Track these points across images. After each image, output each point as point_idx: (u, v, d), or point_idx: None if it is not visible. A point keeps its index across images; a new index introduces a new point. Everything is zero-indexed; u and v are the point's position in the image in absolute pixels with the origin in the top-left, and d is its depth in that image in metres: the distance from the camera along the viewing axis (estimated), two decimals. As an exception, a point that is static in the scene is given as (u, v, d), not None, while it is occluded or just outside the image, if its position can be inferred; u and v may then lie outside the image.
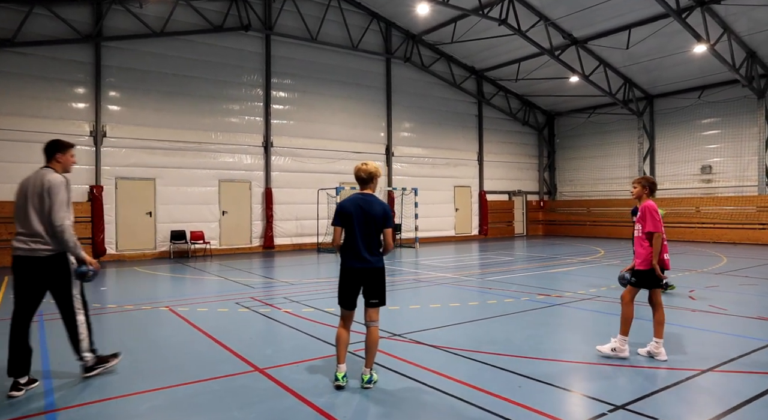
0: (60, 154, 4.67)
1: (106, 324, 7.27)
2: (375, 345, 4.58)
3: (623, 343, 5.17)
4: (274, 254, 17.55)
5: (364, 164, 4.75)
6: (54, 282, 4.55)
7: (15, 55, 14.37)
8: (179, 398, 4.32)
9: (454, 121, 23.55)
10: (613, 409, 3.96)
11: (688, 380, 4.63)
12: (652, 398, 4.19)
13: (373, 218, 4.57)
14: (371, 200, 4.65)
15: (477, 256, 16.93)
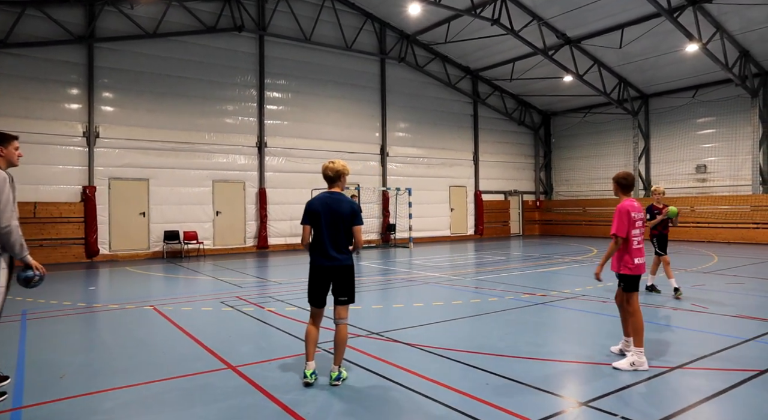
0: (2, 148, 4.23)
1: (87, 322, 7.30)
2: (343, 342, 4.60)
3: (640, 355, 4.80)
4: (267, 254, 17.58)
5: (331, 163, 4.78)
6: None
7: (8, 57, 14.44)
8: (146, 395, 4.34)
9: (449, 121, 23.56)
10: (575, 406, 3.97)
11: (656, 377, 4.63)
12: (616, 395, 4.20)
13: (340, 216, 4.59)
14: (339, 198, 4.67)
15: (470, 255, 16.94)
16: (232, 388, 4.48)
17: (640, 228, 5.14)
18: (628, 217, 5.05)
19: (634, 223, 5.07)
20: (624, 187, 5.29)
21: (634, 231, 5.08)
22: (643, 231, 5.22)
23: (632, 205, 5.12)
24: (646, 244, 5.72)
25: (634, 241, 5.06)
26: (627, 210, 5.06)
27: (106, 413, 3.98)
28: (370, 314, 7.59)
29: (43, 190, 14.83)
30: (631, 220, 5.05)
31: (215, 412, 3.93)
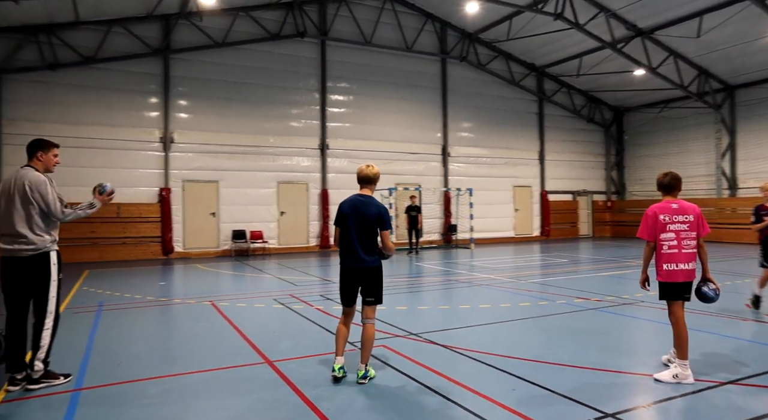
0: (42, 153, 4.71)
1: (151, 315, 7.88)
2: (370, 341, 4.70)
3: (684, 368, 4.54)
4: (329, 254, 18.02)
5: (368, 167, 4.90)
6: (33, 281, 4.58)
7: (95, 71, 15.81)
8: (187, 384, 4.67)
9: (513, 119, 23.03)
10: (600, 417, 3.83)
11: (699, 392, 4.35)
12: (648, 408, 4.02)
13: (367, 219, 4.69)
14: (368, 201, 4.77)
15: (531, 257, 16.49)
16: (264, 381, 4.71)
17: (676, 232, 4.77)
18: (654, 219, 4.78)
19: (664, 227, 4.77)
20: (661, 188, 4.99)
21: (665, 235, 4.76)
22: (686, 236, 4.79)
23: (663, 207, 4.82)
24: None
25: (663, 246, 4.76)
26: (653, 212, 4.81)
27: (150, 398, 4.32)
28: (412, 315, 7.64)
29: (126, 192, 16.08)
30: (658, 223, 4.77)
31: (244, 403, 4.17)
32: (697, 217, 4.83)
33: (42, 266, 4.60)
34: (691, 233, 4.80)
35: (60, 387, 4.59)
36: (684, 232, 4.82)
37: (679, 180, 4.98)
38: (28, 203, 4.52)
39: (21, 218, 4.51)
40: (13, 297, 4.63)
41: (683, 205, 4.87)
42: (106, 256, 15.74)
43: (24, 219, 4.52)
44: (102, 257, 15.67)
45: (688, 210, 4.84)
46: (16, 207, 4.51)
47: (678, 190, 5.00)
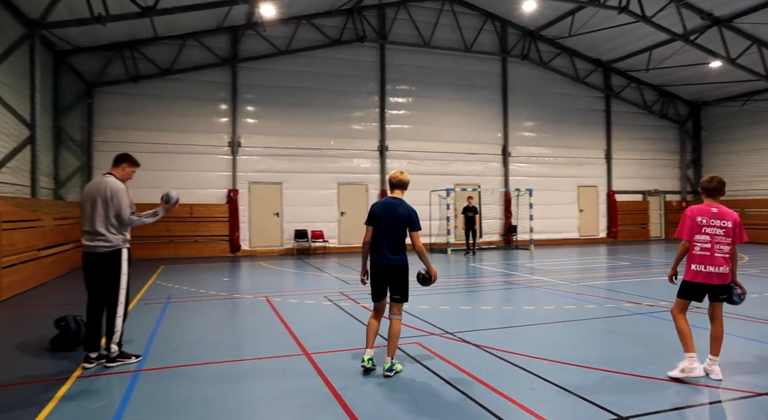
0: (127, 165, 5.51)
1: (211, 308, 8.55)
2: (396, 337, 4.95)
3: (692, 361, 4.66)
4: (387, 253, 18.35)
5: (400, 173, 5.22)
6: (107, 274, 5.24)
7: (171, 81, 17.10)
8: (231, 371, 5.13)
9: (577, 117, 22.35)
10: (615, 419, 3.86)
11: (729, 401, 4.24)
12: (666, 414, 3.97)
13: (397, 220, 4.96)
14: (398, 204, 5.05)
15: (592, 259, 16.00)
16: (299, 371, 5.08)
17: (711, 236, 4.75)
18: (692, 220, 4.82)
19: (700, 228, 4.75)
20: (705, 191, 4.94)
21: (700, 236, 4.76)
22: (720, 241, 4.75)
23: (702, 209, 4.81)
24: None
25: (696, 247, 4.80)
26: (692, 213, 4.84)
27: (197, 381, 4.81)
28: (453, 315, 7.79)
29: (198, 194, 17.27)
30: (695, 224, 4.79)
31: (276, 390, 4.55)
32: (735, 225, 4.82)
33: (115, 261, 5.28)
34: (727, 239, 4.75)
35: (128, 366, 5.20)
36: (719, 236, 4.76)
37: (724, 185, 4.97)
38: (107, 207, 5.21)
39: (101, 219, 5.21)
40: (92, 287, 5.33)
41: (723, 211, 4.83)
42: (180, 253, 16.98)
43: (103, 220, 5.21)
44: (176, 254, 16.92)
45: (727, 216, 4.80)
46: (98, 210, 5.20)
47: (721, 195, 4.97)
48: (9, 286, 9.43)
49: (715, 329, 4.84)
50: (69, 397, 4.41)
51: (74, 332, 6.00)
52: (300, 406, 4.19)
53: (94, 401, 4.32)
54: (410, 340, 6.22)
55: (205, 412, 4.06)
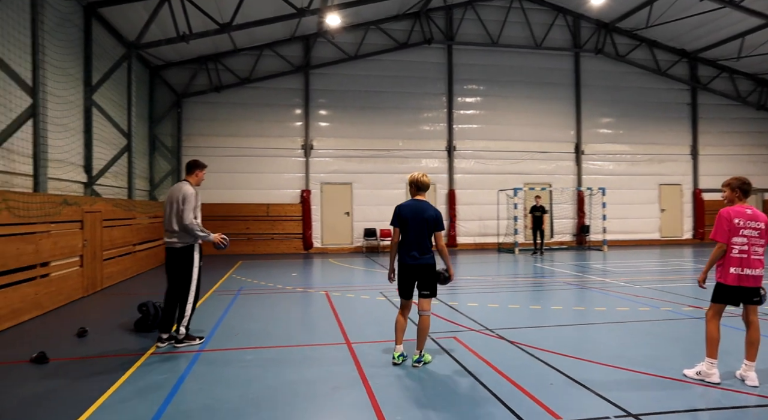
0: (198, 171, 6.26)
1: (274, 300, 9.29)
2: (425, 331, 5.28)
3: (711, 367, 4.69)
4: (456, 253, 18.55)
5: (424, 176, 5.52)
6: (182, 267, 6.03)
7: (249, 90, 18.39)
8: (277, 355, 5.72)
9: (658, 112, 21.18)
10: (622, 416, 3.96)
11: (744, 408, 4.17)
12: (679, 415, 4.00)
13: (425, 221, 5.29)
14: (424, 206, 5.38)
15: (668, 261, 15.21)
16: (336, 358, 5.57)
17: (748, 237, 4.65)
18: (729, 222, 4.72)
19: (738, 230, 4.65)
20: (744, 193, 4.84)
21: (737, 239, 4.66)
22: (755, 243, 4.67)
23: (738, 211, 4.72)
24: None
25: (734, 249, 4.70)
26: (728, 214, 4.76)
27: (246, 363, 5.43)
28: (498, 312, 7.95)
29: (274, 194, 18.43)
30: (733, 227, 4.69)
31: (312, 372, 5.07)
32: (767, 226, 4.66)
33: (188, 256, 6.09)
34: (761, 241, 4.69)
35: (193, 347, 5.96)
36: (754, 238, 4.69)
37: (751, 186, 4.84)
38: (178, 208, 5.99)
39: (175, 219, 6.01)
40: (170, 277, 6.17)
41: (756, 213, 4.77)
42: (258, 250, 18.22)
43: (177, 220, 6.00)
44: (254, 250, 18.17)
45: (760, 218, 4.74)
46: (174, 211, 6.01)
47: (749, 196, 4.83)
48: (109, 276, 10.79)
49: (752, 334, 4.73)
50: (140, 370, 5.19)
51: (153, 316, 6.91)
52: (330, 388, 4.65)
53: (160, 374, 5.05)
54: (449, 334, 6.52)
55: (246, 389, 4.64)
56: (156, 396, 4.42)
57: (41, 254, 7.88)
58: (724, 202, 5.04)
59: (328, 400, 4.39)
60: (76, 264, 9.24)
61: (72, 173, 11.12)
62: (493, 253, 17.95)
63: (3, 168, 8.37)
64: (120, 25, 12.97)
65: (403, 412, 4.10)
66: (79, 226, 9.35)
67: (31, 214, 7.60)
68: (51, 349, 5.86)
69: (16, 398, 4.44)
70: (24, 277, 7.44)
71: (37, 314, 7.80)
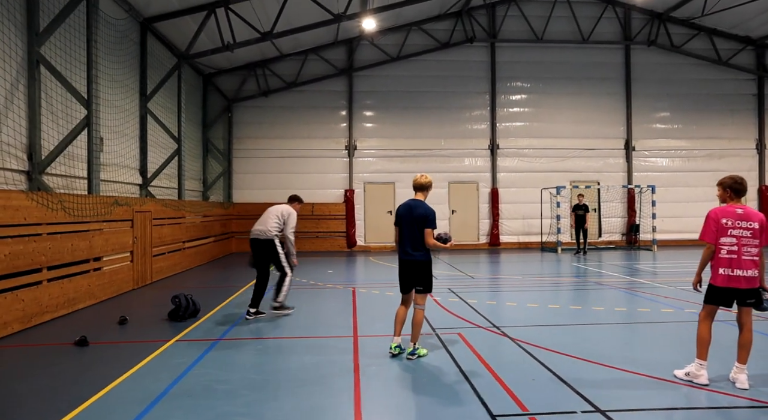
0: (296, 203, 7.97)
1: (301, 294, 9.79)
2: (418, 325, 5.53)
3: (699, 368, 4.67)
4: (499, 251, 18.48)
5: (422, 177, 5.78)
6: (267, 254, 7.59)
7: (295, 93, 19.13)
8: (289, 343, 6.16)
9: (718, 104, 20.05)
10: (589, 411, 4.06)
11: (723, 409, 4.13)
12: (649, 412, 4.05)
13: (416, 220, 5.54)
14: (417, 205, 5.63)
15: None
16: (338, 348, 5.92)
17: (738, 238, 4.55)
18: (716, 222, 4.64)
19: (726, 230, 4.56)
20: (732, 191, 4.73)
21: (725, 239, 4.57)
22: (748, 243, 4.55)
23: (727, 211, 4.62)
24: None
25: (722, 250, 4.62)
26: (715, 214, 4.68)
27: (256, 350, 5.90)
28: (514, 311, 8.03)
29: (318, 194, 19.08)
30: (721, 227, 4.60)
31: (311, 361, 5.45)
32: (763, 226, 4.61)
33: (272, 245, 7.58)
34: (754, 241, 4.57)
35: (213, 334, 6.50)
36: (746, 238, 4.60)
37: (746, 185, 4.73)
38: (279, 220, 7.60)
39: (273, 223, 7.58)
40: (257, 263, 7.73)
41: (749, 212, 4.65)
42: (303, 248, 18.90)
43: (275, 224, 7.57)
44: (300, 248, 18.65)
45: (753, 217, 4.62)
46: (275, 219, 7.62)
47: (744, 195, 4.72)
48: (158, 271, 11.72)
49: (744, 336, 4.65)
50: (163, 354, 5.77)
51: (184, 307, 7.55)
52: (321, 375, 5.01)
53: (179, 358, 5.60)
54: (454, 330, 6.72)
55: (246, 373, 5.09)
56: (167, 376, 4.95)
57: (94, 250, 8.76)
58: (720, 202, 4.96)
59: (316, 385, 4.75)
60: (126, 259, 10.15)
61: (128, 176, 12.17)
62: (536, 253, 17.73)
63: (64, 172, 9.38)
64: (173, 37, 13.98)
65: (378, 400, 4.39)
66: (129, 224, 10.25)
67: (85, 213, 8.48)
68: (95, 334, 6.59)
69: (49, 375, 5.10)
70: (78, 270, 8.32)
71: (91, 303, 8.69)
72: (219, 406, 4.20)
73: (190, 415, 4.03)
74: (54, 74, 8.57)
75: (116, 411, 4.14)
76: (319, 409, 4.17)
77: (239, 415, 4.04)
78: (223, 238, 17.61)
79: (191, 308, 7.64)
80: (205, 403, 4.29)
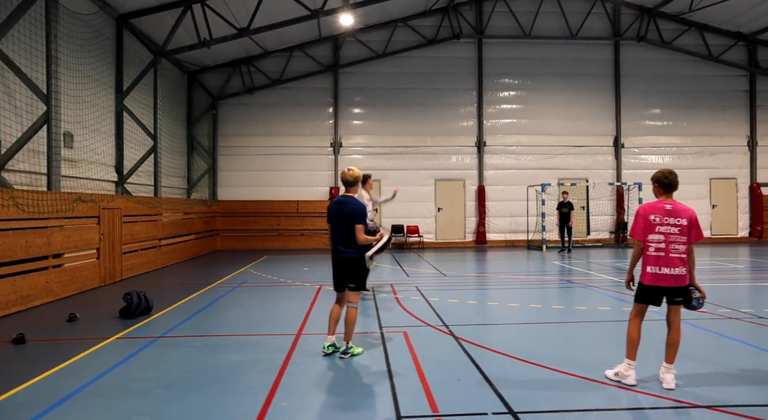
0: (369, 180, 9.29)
1: (266, 293, 9.69)
2: (351, 323, 5.42)
3: (628, 368, 4.53)
4: (485, 250, 18.32)
5: (349, 170, 5.62)
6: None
7: (281, 90, 19.04)
8: (222, 343, 6.07)
9: (708, 101, 19.77)
10: (503, 413, 3.93)
11: (642, 410, 4.00)
12: (560, 414, 3.91)
13: (345, 216, 5.41)
14: (347, 201, 5.49)
15: (708, 260, 14.22)
16: (275, 346, 5.81)
17: (666, 234, 4.38)
18: (645, 219, 4.49)
19: (653, 227, 4.40)
20: (660, 186, 4.58)
21: (653, 236, 4.41)
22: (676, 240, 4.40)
23: (655, 207, 4.45)
24: None
25: (650, 247, 4.47)
26: (644, 211, 4.54)
27: (192, 348, 5.81)
28: (472, 309, 7.90)
29: (304, 191, 18.98)
30: (649, 224, 4.43)
31: (243, 358, 5.36)
32: (691, 222, 4.42)
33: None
34: (682, 238, 4.41)
35: (156, 331, 6.42)
36: (674, 235, 4.43)
37: (677, 179, 4.55)
38: None
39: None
40: None
41: (678, 208, 4.47)
42: (288, 245, 18.85)
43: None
44: (284, 246, 18.83)
45: (681, 213, 4.45)
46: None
47: (676, 189, 4.56)
48: (130, 268, 11.67)
49: (672, 335, 4.50)
50: (96, 352, 5.68)
51: (136, 304, 7.47)
52: (243, 373, 4.90)
53: (109, 355, 5.51)
54: (402, 328, 6.60)
55: (172, 370, 4.99)
56: (88, 375, 4.86)
57: (53, 246, 8.71)
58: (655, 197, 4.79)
59: (234, 382, 4.65)
60: (92, 256, 10.10)
61: (103, 173, 12.13)
62: (522, 251, 17.56)
63: (28, 169, 9.33)
64: (151, 33, 13.91)
65: (290, 398, 4.28)
66: (95, 221, 10.19)
67: (43, 210, 8.42)
68: (39, 332, 6.54)
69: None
70: (34, 267, 8.26)
71: (49, 300, 8.63)
72: (123, 406, 4.11)
73: (88, 415, 3.94)
74: (12, 69, 8.51)
75: (17, 411, 4.05)
76: (223, 408, 4.06)
77: (140, 415, 3.95)
78: (206, 235, 17.56)
79: (143, 305, 7.56)
80: (110, 402, 4.19)
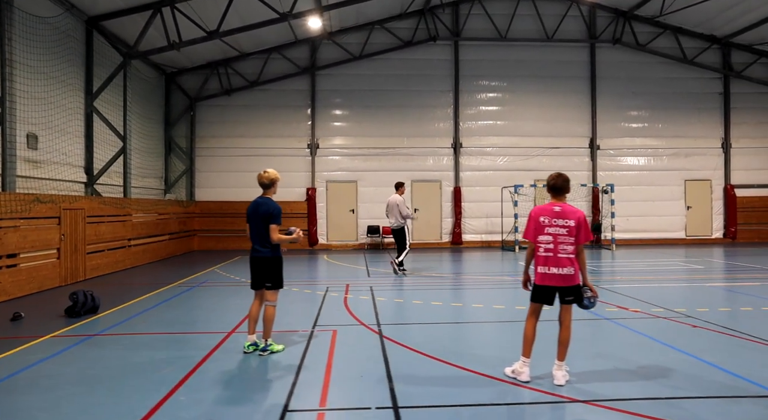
0: (402, 189, 11.89)
1: (221, 293, 9.83)
2: (269, 321, 5.56)
3: (522, 365, 4.67)
4: (460, 250, 18.44)
5: (264, 172, 5.80)
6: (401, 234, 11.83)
7: (258, 92, 19.18)
8: (148, 341, 6.20)
9: (684, 103, 19.91)
10: (386, 407, 4.07)
11: (527, 405, 4.14)
12: (443, 409, 4.05)
13: (260, 217, 5.59)
14: (261, 203, 5.68)
15: (670, 261, 14.36)
16: (201, 344, 5.95)
17: (554, 235, 4.54)
18: (535, 221, 4.67)
19: (543, 229, 4.55)
20: (551, 189, 4.75)
21: (542, 237, 4.56)
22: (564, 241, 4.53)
23: (545, 209, 4.62)
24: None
25: (540, 248, 4.63)
26: (535, 213, 4.70)
27: (118, 345, 5.94)
28: (413, 308, 8.03)
29: (281, 192, 18.76)
30: (539, 225, 4.58)
31: (164, 355, 5.48)
32: (579, 224, 4.55)
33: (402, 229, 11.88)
34: (570, 239, 4.54)
35: (93, 329, 6.56)
36: (562, 236, 4.58)
37: (569, 182, 4.72)
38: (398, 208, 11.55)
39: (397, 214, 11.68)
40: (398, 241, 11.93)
41: (566, 210, 4.63)
42: (265, 245, 18.95)
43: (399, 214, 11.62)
44: (261, 246, 18.91)
45: (569, 215, 4.60)
46: (394, 212, 10.92)
47: (567, 192, 4.71)
48: (94, 268, 11.81)
49: (562, 334, 4.65)
50: (24, 350, 5.82)
51: (81, 303, 7.60)
52: (157, 369, 5.04)
53: (34, 354, 5.65)
54: (333, 327, 6.74)
55: (88, 368, 5.13)
56: (3, 373, 5.00)
57: (7, 246, 8.84)
58: None
59: (144, 378, 4.80)
60: (52, 256, 10.23)
61: (70, 174, 12.27)
62: (496, 251, 17.68)
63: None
64: (123, 35, 14.07)
65: (191, 392, 4.43)
66: (56, 221, 10.33)
67: (-4, 210, 8.57)
68: (-22, 329, 6.66)
69: None
70: (-14, 266, 8.41)
71: (2, 300, 8.76)
72: (24, 401, 4.25)
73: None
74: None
75: None
76: (123, 402, 4.20)
77: (39, 410, 4.08)
78: (183, 235, 17.70)
79: (89, 304, 7.70)
80: (13, 398, 4.34)
